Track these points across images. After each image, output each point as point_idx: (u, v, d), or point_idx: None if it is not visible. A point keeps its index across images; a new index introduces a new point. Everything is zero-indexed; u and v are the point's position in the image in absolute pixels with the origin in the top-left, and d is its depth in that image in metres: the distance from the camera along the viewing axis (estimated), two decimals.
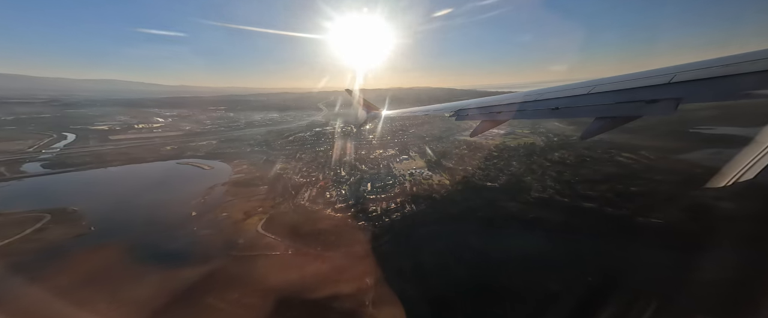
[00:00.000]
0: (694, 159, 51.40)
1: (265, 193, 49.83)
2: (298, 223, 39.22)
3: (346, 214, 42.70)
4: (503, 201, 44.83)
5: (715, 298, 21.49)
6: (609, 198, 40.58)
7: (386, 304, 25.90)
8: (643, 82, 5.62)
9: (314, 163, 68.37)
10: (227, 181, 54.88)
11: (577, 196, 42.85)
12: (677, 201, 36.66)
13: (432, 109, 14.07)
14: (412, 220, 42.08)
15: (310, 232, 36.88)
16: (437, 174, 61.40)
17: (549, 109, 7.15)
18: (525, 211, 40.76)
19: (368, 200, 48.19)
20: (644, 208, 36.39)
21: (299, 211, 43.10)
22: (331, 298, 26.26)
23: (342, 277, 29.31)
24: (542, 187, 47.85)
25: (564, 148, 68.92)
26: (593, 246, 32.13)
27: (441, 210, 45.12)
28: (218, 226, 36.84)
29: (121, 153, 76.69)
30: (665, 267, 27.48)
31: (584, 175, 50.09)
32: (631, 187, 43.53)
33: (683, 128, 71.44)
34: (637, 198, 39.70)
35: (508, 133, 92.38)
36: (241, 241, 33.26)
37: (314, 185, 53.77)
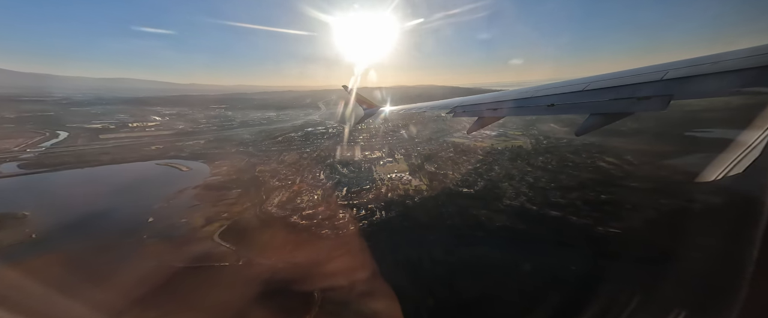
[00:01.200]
0: (679, 164, 49.52)
1: (236, 197, 47.99)
2: (259, 231, 37.36)
3: (312, 222, 40.68)
4: (475, 208, 43.35)
5: None
6: (577, 206, 39.62)
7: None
8: (636, 79, 5.65)
9: (295, 165, 66.48)
10: (200, 184, 53.13)
11: (546, 204, 41.66)
12: (642, 210, 36.16)
13: (429, 106, 13.92)
14: (378, 229, 40.21)
15: (269, 241, 34.98)
16: (417, 178, 59.23)
17: (545, 106, 7.12)
18: (492, 220, 39.50)
19: (339, 207, 46.16)
20: (607, 216, 35.89)
21: (264, 217, 41.17)
22: None
23: (288, 289, 27.42)
24: (516, 193, 46.41)
25: (550, 152, 66.22)
26: (541, 255, 31.42)
27: (411, 218, 43.31)
28: (173, 233, 35.06)
29: (103, 153, 75.50)
30: (599, 278, 27.14)
31: (560, 182, 48.47)
32: (602, 194, 42.03)
33: (679, 131, 68.08)
34: (604, 206, 38.88)
35: (500, 134, 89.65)
36: (192, 251, 31.36)
37: (288, 189, 51.82)
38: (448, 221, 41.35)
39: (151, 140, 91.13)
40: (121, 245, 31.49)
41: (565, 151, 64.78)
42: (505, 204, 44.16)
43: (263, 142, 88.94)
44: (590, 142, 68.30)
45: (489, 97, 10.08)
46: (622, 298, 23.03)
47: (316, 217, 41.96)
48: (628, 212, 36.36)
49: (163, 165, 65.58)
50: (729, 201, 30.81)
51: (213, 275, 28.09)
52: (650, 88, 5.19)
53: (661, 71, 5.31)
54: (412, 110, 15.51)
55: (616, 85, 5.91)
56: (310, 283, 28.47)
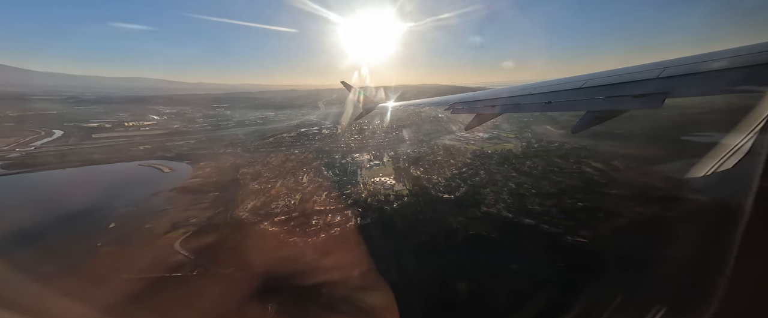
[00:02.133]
0: (665, 170, 47.90)
1: (210, 201, 46.43)
2: (224, 238, 35.70)
3: (282, 229, 38.93)
4: (452, 215, 41.94)
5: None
6: (552, 214, 38.70)
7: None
8: (633, 76, 5.62)
9: (280, 168, 64.83)
10: (177, 187, 51.67)
11: (522, 212, 40.65)
12: (613, 219, 35.55)
13: (427, 103, 13.77)
14: (349, 237, 38.63)
15: (232, 250, 33.32)
16: (401, 183, 57.37)
17: (542, 103, 7.08)
18: (467, 228, 38.21)
19: (313, 212, 44.39)
20: (578, 225, 35.17)
21: (234, 223, 39.48)
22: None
23: (242, 303, 25.69)
24: (495, 200, 45.08)
25: (539, 156, 64.00)
26: (506, 266, 30.51)
27: (385, 225, 41.79)
28: (132, 241, 33.49)
29: (89, 153, 74.53)
30: (556, 290, 26.43)
31: (541, 188, 46.99)
32: (579, 202, 40.94)
33: (675, 134, 65.25)
34: (578, 214, 38.04)
35: (493, 136, 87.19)
36: (147, 260, 29.71)
37: (266, 194, 50.14)
38: (423, 229, 39.83)
39: (142, 140, 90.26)
40: (70, 254, 29.91)
41: (554, 155, 62.66)
42: (483, 211, 42.82)
43: (253, 143, 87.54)
44: (581, 146, 65.93)
45: (486, 94, 9.87)
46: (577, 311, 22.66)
47: (288, 224, 40.18)
48: (599, 221, 35.55)
49: (145, 166, 64.33)
50: (703, 209, 32.51)
51: (159, 287, 26.35)
52: (646, 86, 5.17)
53: (657, 69, 5.29)
54: (411, 106, 15.48)
55: (613, 83, 5.89)
56: (267, 296, 26.75)
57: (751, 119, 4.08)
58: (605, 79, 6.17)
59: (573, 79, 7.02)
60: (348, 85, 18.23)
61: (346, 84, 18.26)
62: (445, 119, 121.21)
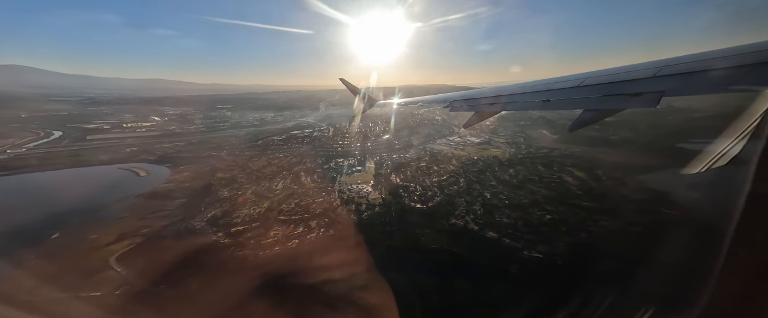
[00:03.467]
0: (648, 181, 45.90)
1: (172, 208, 44.51)
2: (170, 251, 33.38)
3: (235, 241, 36.62)
4: (419, 227, 40.07)
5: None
6: (517, 227, 37.48)
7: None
8: (630, 75, 5.59)
9: (258, 173, 62.75)
10: (146, 192, 50.01)
11: (488, 224, 39.00)
12: (575, 233, 34.27)
13: (426, 100, 13.72)
14: (306, 251, 35.82)
15: (173, 265, 30.98)
16: (377, 191, 54.69)
17: (540, 101, 7.04)
18: (431, 241, 36.55)
19: (276, 223, 42.00)
20: (538, 239, 34.05)
21: (186, 234, 37.28)
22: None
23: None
24: (466, 211, 43.21)
25: (523, 163, 60.67)
26: (456, 281, 29.16)
27: (348, 237, 38.88)
28: (67, 254, 31.55)
29: (75, 155, 73.91)
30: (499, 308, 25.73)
31: (515, 199, 45.20)
32: (547, 214, 39.30)
33: (672, 141, 60.82)
34: (542, 227, 36.73)
35: (484, 141, 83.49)
36: (72, 277, 27.66)
37: (232, 201, 48.00)
38: (386, 241, 37.80)
39: (134, 141, 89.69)
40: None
41: (539, 163, 59.43)
42: (451, 223, 40.79)
43: (242, 146, 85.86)
44: (571, 153, 62.28)
45: (485, 92, 9.80)
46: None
47: (243, 236, 37.82)
48: (561, 235, 34.29)
49: (124, 169, 63.01)
50: (668, 224, 32.12)
51: (71, 309, 24.08)
52: (642, 85, 5.15)
53: (653, 68, 5.26)
54: (410, 104, 15.20)
55: (610, 82, 5.88)
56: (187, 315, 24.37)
57: (744, 119, 3.98)
58: (603, 77, 6.12)
59: (571, 77, 6.87)
60: (347, 83, 17.93)
61: (345, 81, 17.96)
62: (442, 122, 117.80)
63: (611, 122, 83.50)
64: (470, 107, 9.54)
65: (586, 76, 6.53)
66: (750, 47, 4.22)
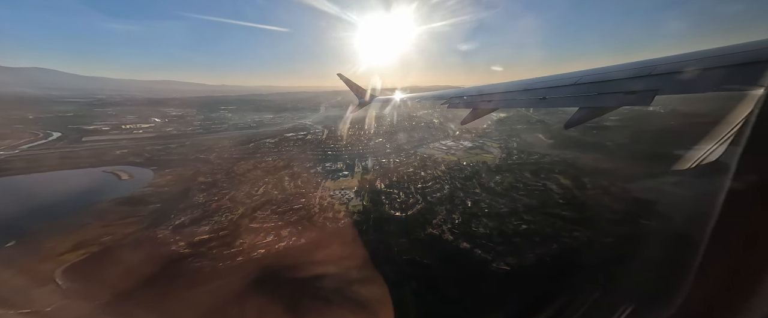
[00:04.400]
0: (635, 190, 43.99)
1: (142, 215, 42.94)
2: (122, 263, 31.54)
3: (195, 251, 34.78)
4: (395, 237, 38.29)
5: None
6: (491, 237, 36.12)
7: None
8: (625, 74, 5.59)
9: (242, 177, 61.07)
10: (121, 197, 48.59)
11: (464, 234, 37.50)
12: (547, 244, 33.17)
13: (424, 97, 13.44)
14: (272, 263, 33.92)
15: (119, 278, 28.96)
16: (359, 198, 52.54)
17: (537, 99, 6.99)
18: (404, 252, 34.96)
19: (246, 231, 40.08)
20: (510, 250, 32.99)
21: (146, 243, 35.54)
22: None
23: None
24: (444, 220, 41.46)
25: (511, 170, 58.18)
26: (423, 296, 27.83)
27: (319, 248, 36.85)
28: (16, 263, 29.90)
29: (64, 157, 73.13)
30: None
31: (495, 207, 43.54)
32: (523, 224, 38.11)
33: (671, 149, 57.19)
34: (516, 238, 35.50)
35: (476, 146, 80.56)
36: (7, 291, 25.83)
37: (205, 207, 46.33)
38: (358, 252, 35.52)
39: (127, 143, 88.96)
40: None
41: (527, 169, 57.03)
42: (427, 233, 38.91)
43: (232, 148, 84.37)
44: (562, 159, 59.61)
45: (483, 89, 9.83)
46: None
47: (206, 246, 35.94)
48: (532, 246, 33.36)
49: (108, 172, 61.83)
50: (644, 236, 30.98)
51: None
52: (637, 83, 5.14)
53: (647, 67, 5.25)
54: (408, 100, 14.90)
55: (605, 80, 5.87)
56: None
57: (733, 117, 3.95)
58: (598, 76, 6.11)
59: (567, 75, 6.89)
60: (345, 79, 17.53)
61: (343, 77, 17.59)
62: (438, 125, 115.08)
63: (609, 127, 79.96)
64: (467, 104, 9.45)
65: (582, 75, 6.48)
66: (741, 47, 4.21)
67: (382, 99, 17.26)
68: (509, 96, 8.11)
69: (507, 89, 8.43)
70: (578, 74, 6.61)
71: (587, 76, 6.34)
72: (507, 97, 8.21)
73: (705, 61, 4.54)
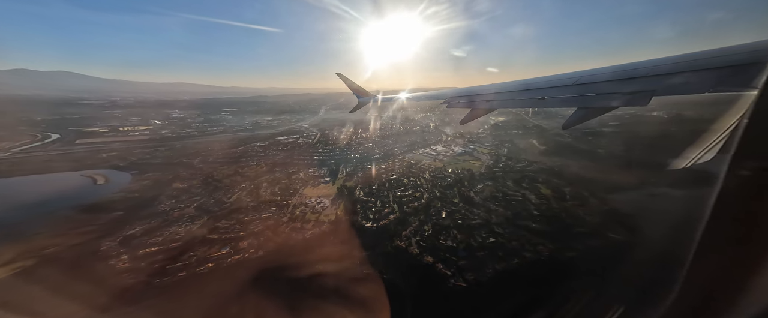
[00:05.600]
0: (614, 202, 42.34)
1: (101, 223, 40.66)
2: (49, 280, 28.86)
3: (138, 265, 32.14)
4: (360, 249, 35.99)
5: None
6: (456, 251, 34.57)
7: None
8: (623, 74, 5.56)
9: (218, 183, 58.52)
10: (87, 203, 46.58)
11: (430, 247, 35.78)
12: (510, 259, 32.21)
13: (424, 96, 13.50)
14: (218, 278, 31.02)
15: (39, 299, 26.27)
16: (334, 206, 49.59)
17: (536, 99, 6.95)
18: (365, 266, 32.89)
19: (202, 242, 37.44)
20: (471, 265, 31.60)
21: (87, 256, 33.07)
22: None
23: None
24: (415, 231, 39.37)
25: (496, 178, 55.23)
26: None
27: (278, 261, 34.64)
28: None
29: (50, 160, 71.92)
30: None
31: (468, 218, 41.57)
32: (491, 237, 36.54)
33: (665, 158, 53.29)
34: (480, 252, 34.07)
35: (465, 152, 76.71)
36: None
37: (166, 217, 43.90)
38: (317, 266, 32.94)
39: (118, 146, 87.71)
40: None
41: (511, 178, 53.87)
42: (393, 245, 36.86)
43: (220, 152, 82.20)
44: (548, 167, 56.32)
45: (483, 89, 9.69)
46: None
47: (154, 258, 33.31)
48: (494, 260, 32.20)
49: (85, 176, 60.11)
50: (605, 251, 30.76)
51: None
52: (634, 84, 5.09)
53: (645, 67, 5.22)
54: (408, 100, 14.83)
55: (603, 80, 5.83)
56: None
57: (726, 119, 3.97)
58: (596, 76, 6.05)
59: (565, 75, 6.78)
60: (344, 78, 17.25)
61: (342, 76, 17.34)
62: (433, 130, 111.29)
63: (607, 133, 75.21)
64: (467, 104, 9.40)
65: (580, 75, 6.40)
66: (737, 48, 4.16)
67: (381, 98, 17.02)
68: (508, 96, 8.02)
69: (506, 89, 8.30)
70: (576, 74, 6.50)
71: (585, 76, 6.25)
72: (506, 96, 8.12)
73: (702, 63, 4.44)
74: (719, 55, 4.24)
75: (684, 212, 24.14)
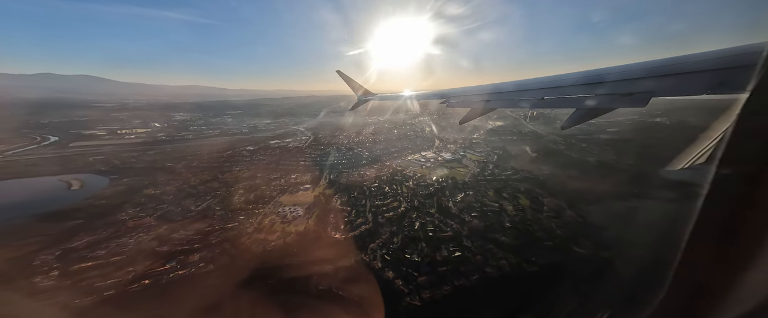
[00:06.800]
0: (592, 212, 40.45)
1: (54, 232, 38.23)
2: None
3: (61, 283, 29.25)
4: (319, 264, 33.13)
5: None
6: (419, 266, 32.56)
7: None
8: (622, 75, 5.38)
9: (192, 189, 55.99)
10: (51, 210, 44.33)
11: (394, 262, 33.51)
12: (469, 276, 30.63)
13: (424, 96, 13.41)
14: (155, 296, 29.18)
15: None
16: (307, 215, 46.55)
17: (535, 99, 6.83)
18: (323, 281, 30.28)
19: (149, 255, 34.60)
20: (431, 283, 29.79)
21: (18, 271, 30.42)
22: None
23: None
24: (383, 244, 37.08)
25: (478, 187, 52.06)
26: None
27: (228, 276, 31.37)
28: None
29: (33, 164, 70.43)
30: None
31: (440, 230, 39.34)
32: (457, 251, 34.68)
33: (658, 165, 49.87)
34: (443, 267, 32.23)
35: (454, 159, 72.73)
36: None
37: (122, 225, 41.24)
38: (269, 281, 30.60)
39: (110, 149, 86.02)
40: None
41: (493, 187, 50.85)
42: (357, 259, 34.22)
43: (207, 156, 79.86)
44: (534, 176, 53.61)
45: (482, 89, 9.49)
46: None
47: (82, 275, 30.52)
48: (456, 276, 30.69)
49: (62, 181, 58.18)
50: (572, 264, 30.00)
51: None
52: (633, 85, 4.99)
53: (644, 69, 5.04)
54: (408, 100, 14.40)
55: (602, 81, 5.73)
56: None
57: (718, 122, 3.91)
58: (595, 77, 5.91)
59: (565, 76, 6.58)
60: (344, 76, 16.93)
61: (342, 74, 17.01)
62: (427, 135, 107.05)
63: (603, 140, 70.28)
64: (466, 104, 9.20)
65: (579, 76, 6.22)
66: (737, 50, 3.96)
67: (382, 97, 16.72)
68: (507, 96, 7.89)
69: (505, 89, 8.16)
70: (576, 75, 6.28)
71: (585, 76, 6.05)
72: (505, 96, 7.96)
73: (701, 64, 4.24)
74: (720, 56, 3.98)
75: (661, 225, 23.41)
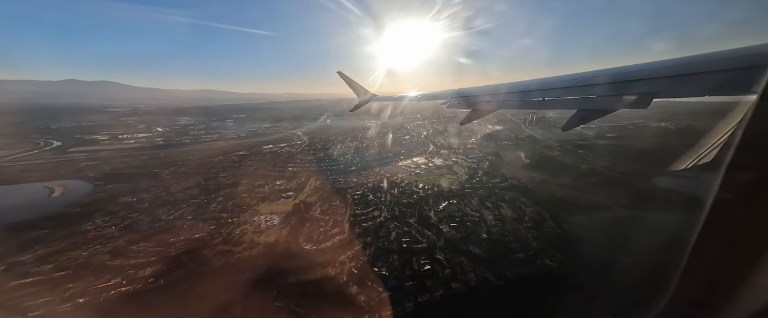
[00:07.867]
0: (574, 224, 38.79)
1: (13, 243, 36.43)
2: None
3: (7, 299, 26.99)
4: (283, 276, 31.47)
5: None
6: (386, 280, 31.11)
7: None
8: (623, 76, 5.23)
9: (170, 196, 54.09)
10: (22, 219, 42.82)
11: (361, 276, 31.75)
12: (434, 290, 29.29)
13: (425, 96, 13.25)
14: (86, 313, 25.90)
15: None
16: (282, 225, 44.38)
17: (536, 100, 6.71)
18: (280, 297, 28.55)
19: (98, 269, 32.41)
20: (395, 299, 28.26)
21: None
22: None
23: None
24: (353, 256, 35.06)
25: (463, 195, 49.32)
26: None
27: (173, 294, 29.51)
28: None
29: (26, 170, 69.70)
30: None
31: (416, 241, 37.57)
32: (428, 264, 33.35)
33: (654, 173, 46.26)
34: (409, 281, 30.81)
35: (445, 165, 69.29)
36: None
37: (82, 236, 39.47)
38: (224, 296, 28.75)
39: (105, 155, 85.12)
40: None
41: (478, 196, 48.29)
42: (323, 272, 32.12)
43: (196, 162, 77.97)
44: (522, 184, 50.56)
45: (483, 90, 9.27)
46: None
47: (13, 294, 28.27)
48: (421, 292, 29.45)
49: (46, 187, 57.01)
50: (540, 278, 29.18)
51: None
52: (635, 87, 4.86)
53: (645, 70, 4.93)
54: (409, 99, 14.25)
55: (604, 82, 5.62)
56: None
57: (724, 123, 3.84)
58: (597, 78, 5.82)
59: (566, 77, 6.43)
60: (345, 77, 16.72)
61: (343, 75, 16.77)
62: (423, 140, 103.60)
63: (600, 145, 65.96)
64: (467, 104, 9.01)
65: (581, 77, 6.05)
66: (740, 51, 3.82)
67: (383, 98, 16.61)
68: (508, 97, 7.63)
69: (506, 90, 7.89)
70: (577, 76, 6.12)
71: (586, 78, 5.90)
72: (506, 97, 7.70)
73: (703, 65, 4.09)
74: (720, 58, 3.92)
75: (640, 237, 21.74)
